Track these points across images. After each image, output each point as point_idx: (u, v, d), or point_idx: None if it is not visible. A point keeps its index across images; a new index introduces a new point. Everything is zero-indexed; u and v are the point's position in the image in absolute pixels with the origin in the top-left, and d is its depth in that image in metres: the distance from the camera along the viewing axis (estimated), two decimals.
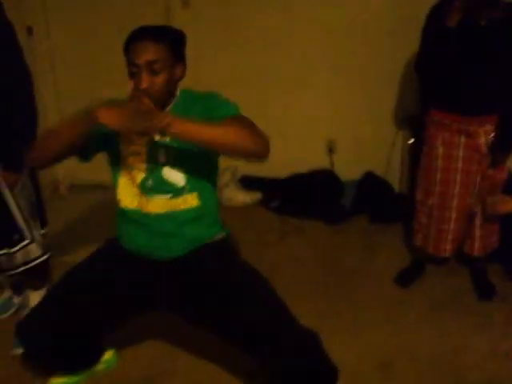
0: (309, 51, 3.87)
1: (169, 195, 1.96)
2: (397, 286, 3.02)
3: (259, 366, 2.06)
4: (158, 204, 1.96)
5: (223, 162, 2.17)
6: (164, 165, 1.94)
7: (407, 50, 3.40)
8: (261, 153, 1.77)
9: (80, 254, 3.26)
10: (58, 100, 4.30)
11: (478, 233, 2.85)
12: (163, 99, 1.88)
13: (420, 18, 2.65)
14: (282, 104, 3.95)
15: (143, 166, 1.95)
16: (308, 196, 3.91)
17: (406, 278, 3.04)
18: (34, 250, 2.45)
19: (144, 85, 1.79)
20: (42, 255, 2.49)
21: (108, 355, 2.44)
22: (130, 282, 2.07)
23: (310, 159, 4.08)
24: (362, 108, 3.93)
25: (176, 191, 1.96)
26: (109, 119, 1.67)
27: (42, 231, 2.54)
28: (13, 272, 2.43)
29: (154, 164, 1.95)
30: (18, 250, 2.39)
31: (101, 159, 2.07)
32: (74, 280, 2.12)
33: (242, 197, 4.00)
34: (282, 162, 3.95)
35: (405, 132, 3.83)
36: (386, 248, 3.43)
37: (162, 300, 2.08)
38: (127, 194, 2.00)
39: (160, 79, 1.83)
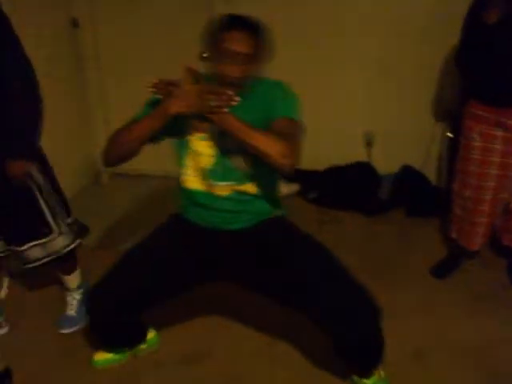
0: (348, 44, 3.88)
1: (233, 182, 2.05)
2: (433, 277, 3.03)
3: (323, 330, 2.09)
4: (223, 189, 2.06)
5: None
6: (230, 152, 2.02)
7: (447, 43, 3.39)
8: (284, 169, 1.83)
9: (120, 241, 3.41)
10: (102, 92, 4.40)
11: None
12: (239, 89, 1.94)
13: (459, 12, 2.65)
14: (321, 96, 3.97)
15: (211, 152, 2.03)
16: (345, 188, 3.94)
17: (442, 270, 3.05)
18: (61, 241, 2.51)
19: (232, 73, 1.88)
20: (69, 245, 2.55)
21: (150, 335, 2.52)
22: (195, 251, 2.15)
23: (348, 152, 4.10)
24: (400, 101, 3.92)
25: (240, 178, 2.05)
26: (178, 107, 1.84)
27: (68, 220, 2.59)
28: (39, 263, 2.49)
29: (221, 151, 2.02)
30: (45, 243, 2.46)
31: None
32: (138, 251, 2.21)
33: (280, 188, 4.03)
34: (321, 154, 3.98)
35: (443, 126, 3.82)
36: (423, 240, 3.44)
37: (228, 268, 2.16)
38: (194, 178, 2.09)
39: (247, 71, 1.91)
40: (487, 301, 2.82)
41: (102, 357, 2.43)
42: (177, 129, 2.04)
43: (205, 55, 1.93)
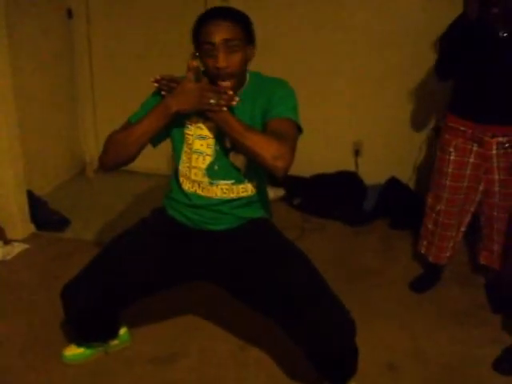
0: (340, 53, 3.89)
1: (232, 181, 2.03)
2: (411, 292, 3.02)
3: (292, 340, 2.06)
4: (221, 189, 2.04)
5: None
6: (230, 150, 2.00)
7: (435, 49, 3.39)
8: (277, 171, 1.81)
9: (102, 234, 3.39)
10: (92, 85, 4.39)
11: (496, 247, 2.82)
12: (240, 78, 1.93)
13: None
14: (311, 103, 3.96)
15: (210, 150, 2.01)
16: (330, 196, 3.93)
17: (421, 284, 3.04)
18: None
19: (222, 63, 1.84)
20: None
21: (121, 331, 2.48)
22: (176, 248, 2.12)
23: (336, 160, 4.09)
24: (391, 113, 3.93)
25: (238, 177, 2.03)
26: (180, 105, 1.84)
27: None
28: None
29: (220, 149, 2.01)
30: None
31: None
32: (119, 245, 2.17)
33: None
34: (308, 161, 3.97)
35: (432, 139, 3.83)
36: (405, 253, 3.43)
37: (206, 267, 2.12)
38: (189, 179, 2.06)
39: (237, 57, 1.87)
40: (463, 318, 2.81)
41: (73, 352, 2.40)
42: (175, 128, 2.03)
43: (197, 54, 1.92)
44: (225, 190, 2.04)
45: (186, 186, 2.07)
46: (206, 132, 2.00)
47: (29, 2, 3.57)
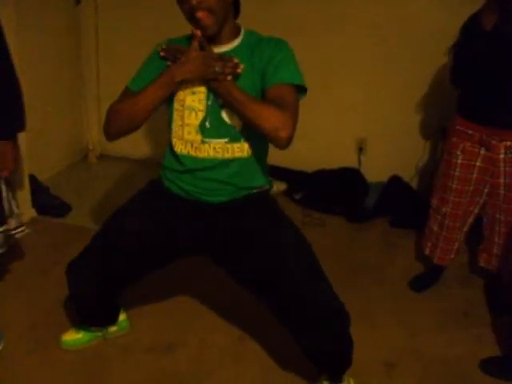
0: (348, 50, 3.88)
1: (226, 139, 1.95)
2: (411, 290, 3.02)
3: (288, 329, 2.04)
4: (213, 149, 1.96)
5: None
6: (223, 106, 1.93)
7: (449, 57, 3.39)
8: (280, 142, 1.78)
9: (103, 220, 3.38)
10: (97, 72, 4.39)
11: (496, 250, 2.82)
12: (222, 18, 1.86)
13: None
14: (317, 100, 3.95)
15: (202, 105, 1.94)
16: (332, 192, 3.93)
17: (420, 283, 3.05)
18: None
19: (194, 1, 1.77)
20: None
21: (120, 318, 2.48)
22: (174, 221, 2.07)
23: (339, 157, 4.09)
24: (395, 112, 3.93)
25: (233, 135, 1.95)
26: (184, 73, 1.83)
27: None
28: None
29: (212, 104, 1.94)
30: None
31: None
32: (119, 221, 2.15)
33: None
34: (311, 157, 3.98)
35: (436, 140, 3.82)
36: (405, 252, 3.43)
37: (203, 241, 2.08)
38: (182, 139, 1.99)
39: None
40: (462, 318, 2.82)
41: (71, 336, 2.40)
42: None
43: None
44: (218, 148, 1.95)
45: (179, 148, 1.99)
46: (196, 87, 1.94)
47: None
